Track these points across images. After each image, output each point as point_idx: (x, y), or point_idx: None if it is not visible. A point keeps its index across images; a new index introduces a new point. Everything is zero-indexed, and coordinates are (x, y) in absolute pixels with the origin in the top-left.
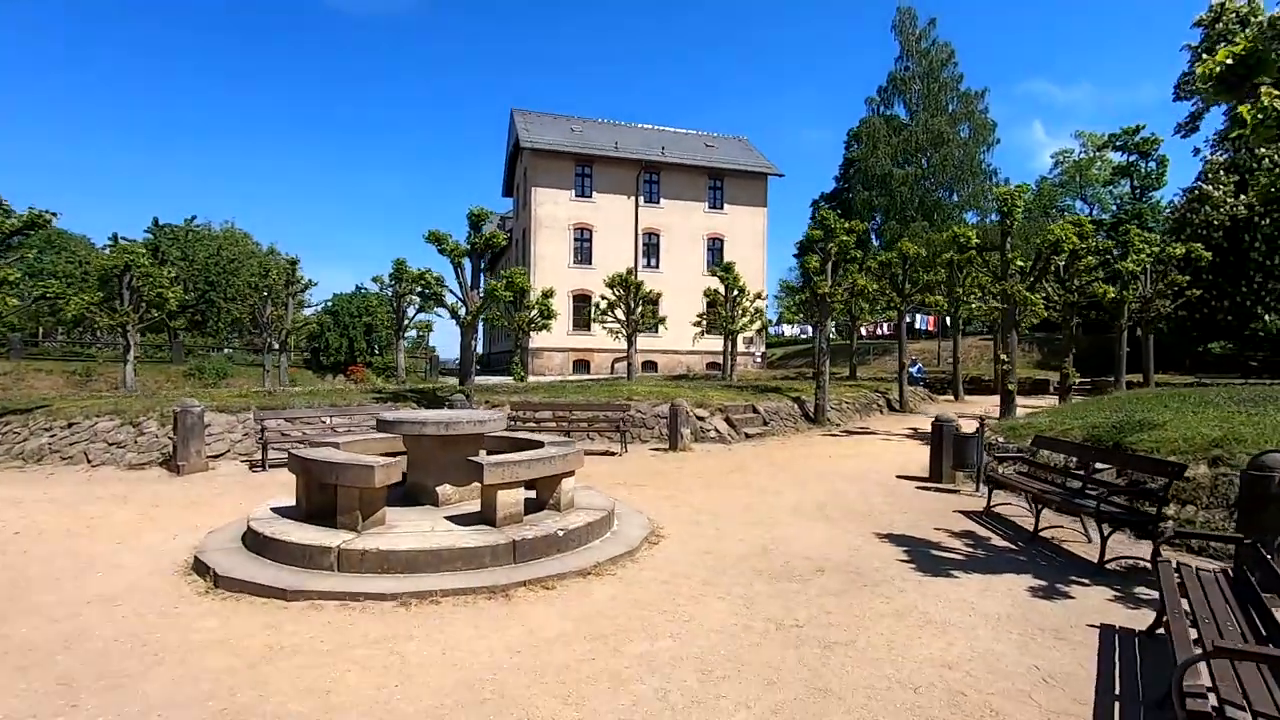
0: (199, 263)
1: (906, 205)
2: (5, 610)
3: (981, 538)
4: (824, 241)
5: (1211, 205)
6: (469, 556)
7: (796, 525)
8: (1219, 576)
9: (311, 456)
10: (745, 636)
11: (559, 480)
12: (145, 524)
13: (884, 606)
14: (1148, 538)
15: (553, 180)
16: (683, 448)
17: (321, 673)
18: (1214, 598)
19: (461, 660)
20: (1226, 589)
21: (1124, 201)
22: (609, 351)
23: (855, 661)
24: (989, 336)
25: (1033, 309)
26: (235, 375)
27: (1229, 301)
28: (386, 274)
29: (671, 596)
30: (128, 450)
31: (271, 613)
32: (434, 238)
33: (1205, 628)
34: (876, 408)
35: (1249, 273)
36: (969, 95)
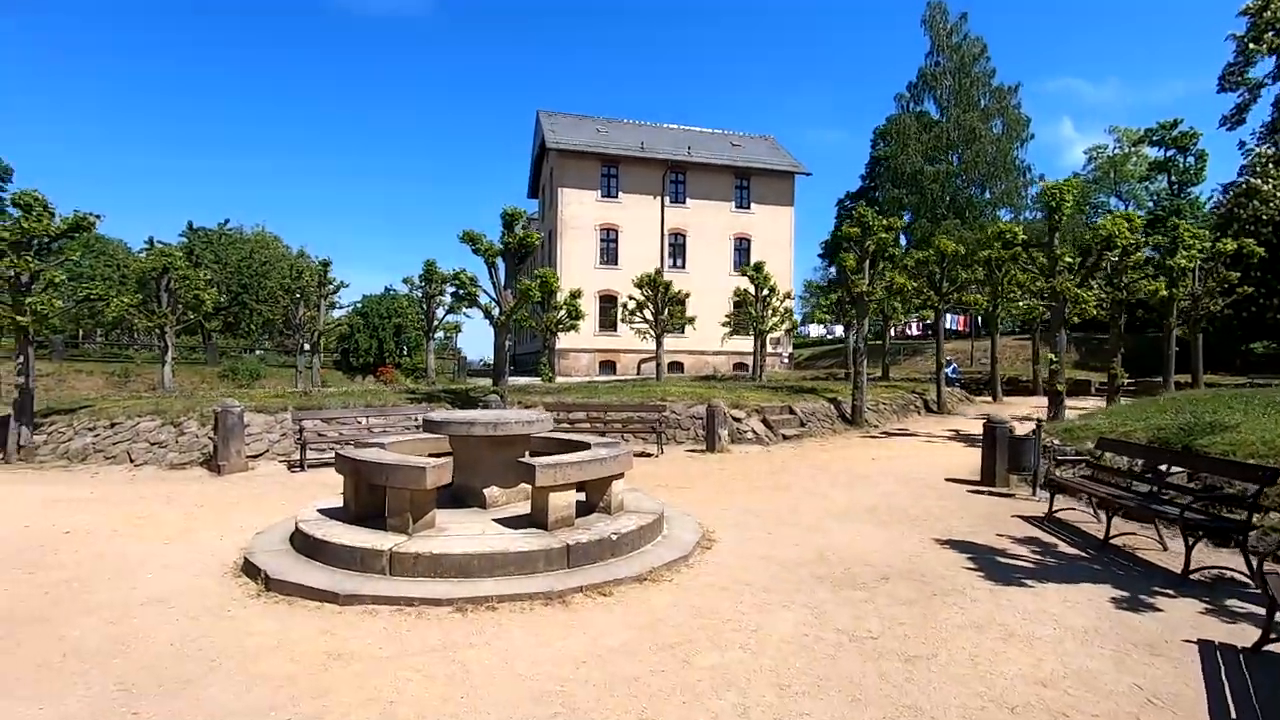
0: (232, 265)
1: (937, 203)
2: (61, 612)
3: (1048, 544)
4: (861, 239)
5: (1261, 200)
6: (522, 561)
7: (850, 530)
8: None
9: (361, 457)
10: (818, 648)
11: (609, 482)
12: (191, 524)
13: (960, 617)
14: (1230, 546)
15: (579, 181)
16: (720, 449)
17: (383, 681)
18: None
19: (525, 671)
20: None
21: (1161, 197)
22: (635, 352)
23: (941, 678)
24: (1023, 336)
25: (1084, 307)
26: (267, 376)
27: (1279, 299)
28: (417, 275)
29: (734, 604)
30: (169, 450)
31: (326, 617)
32: (468, 238)
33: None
34: (914, 409)
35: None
36: (1002, 90)
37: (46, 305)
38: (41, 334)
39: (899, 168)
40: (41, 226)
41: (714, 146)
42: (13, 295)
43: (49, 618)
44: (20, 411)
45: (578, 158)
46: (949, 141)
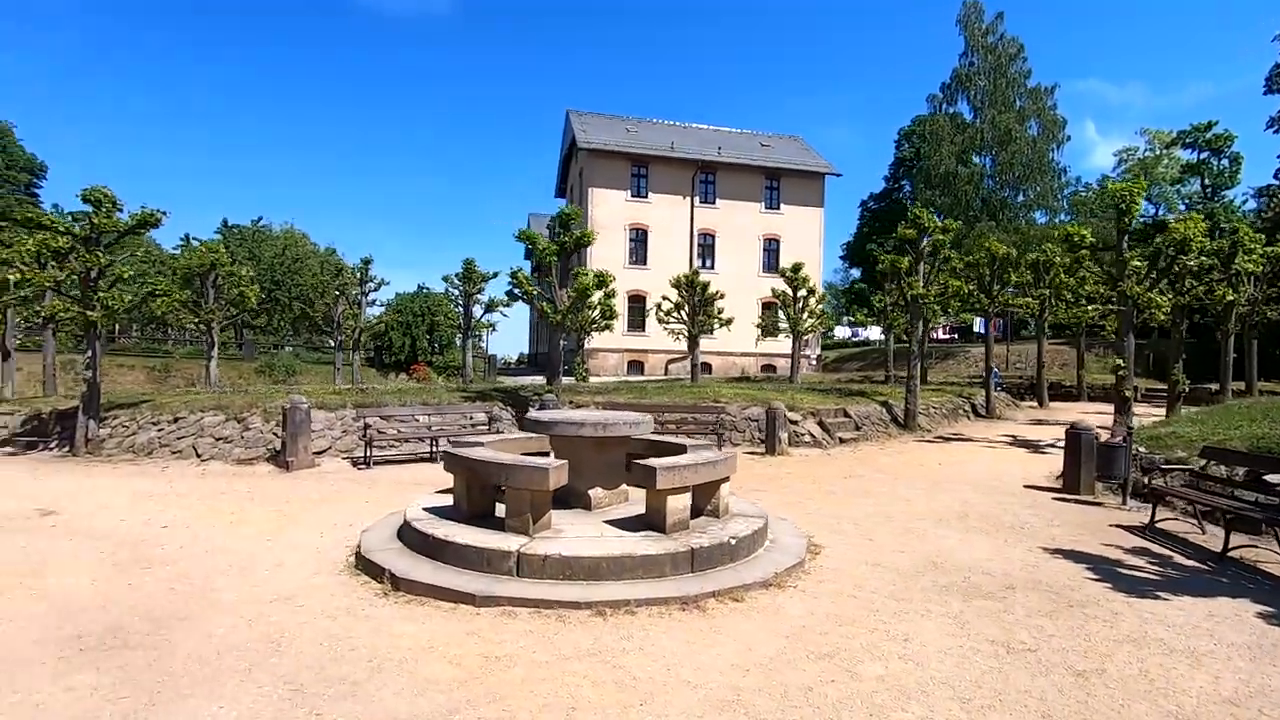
0: (265, 262)
1: (970, 205)
2: (197, 609)
3: (1162, 556)
4: (917, 240)
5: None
6: (649, 565)
7: (950, 536)
8: None
9: (477, 457)
10: (979, 660)
11: (718, 486)
12: (284, 522)
13: (1109, 631)
14: None
15: (609, 181)
16: (780, 452)
17: (552, 687)
18: None
19: (692, 678)
20: None
21: (1193, 200)
22: (663, 352)
23: (1122, 694)
24: (1061, 341)
25: (1154, 312)
26: (302, 372)
27: None
28: (455, 273)
29: (870, 613)
30: (234, 445)
31: (465, 619)
32: (526, 237)
33: None
34: (963, 413)
35: None
36: (1038, 91)
37: (116, 300)
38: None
39: (931, 169)
40: (110, 222)
41: (743, 146)
42: (82, 290)
43: (189, 615)
44: (88, 405)
45: (608, 157)
46: (983, 143)
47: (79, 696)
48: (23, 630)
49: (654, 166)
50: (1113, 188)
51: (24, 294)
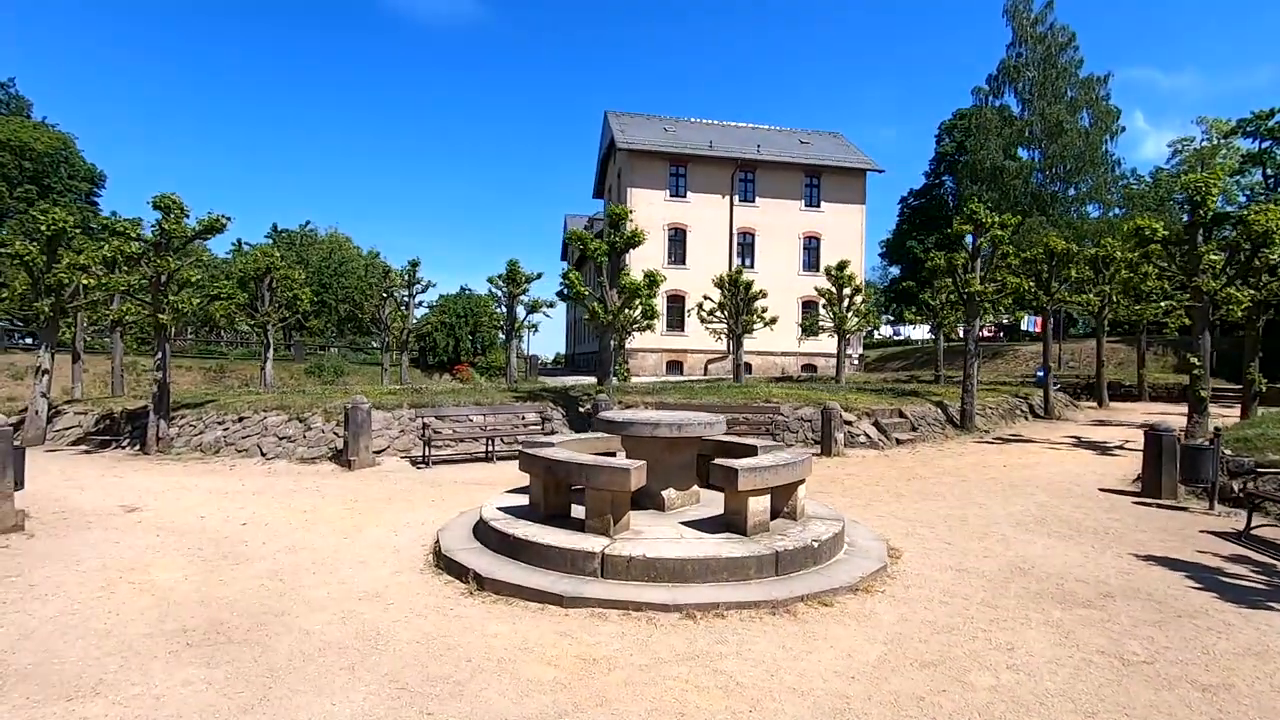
0: (313, 265)
1: (1019, 199)
2: (289, 605)
3: (1264, 564)
4: (974, 236)
5: None
6: (734, 567)
7: (1033, 541)
8: None
9: (555, 457)
10: (1094, 672)
11: (795, 488)
12: (358, 519)
13: (1226, 643)
14: None
15: (647, 181)
16: (836, 453)
17: (657, 691)
18: None
19: (798, 685)
20: None
21: (1255, 192)
22: (702, 352)
23: (1259, 710)
24: (1116, 339)
25: (1232, 308)
26: (350, 373)
27: None
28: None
29: (966, 620)
30: (298, 444)
31: (555, 620)
32: (577, 238)
33: None
34: (1020, 414)
35: None
36: (1090, 81)
37: (186, 303)
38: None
39: (978, 163)
40: (179, 228)
41: (782, 144)
42: (153, 294)
43: (284, 611)
44: (158, 405)
45: (646, 157)
46: (1032, 135)
47: (195, 690)
48: (132, 624)
49: (693, 166)
50: (1185, 179)
51: (95, 298)
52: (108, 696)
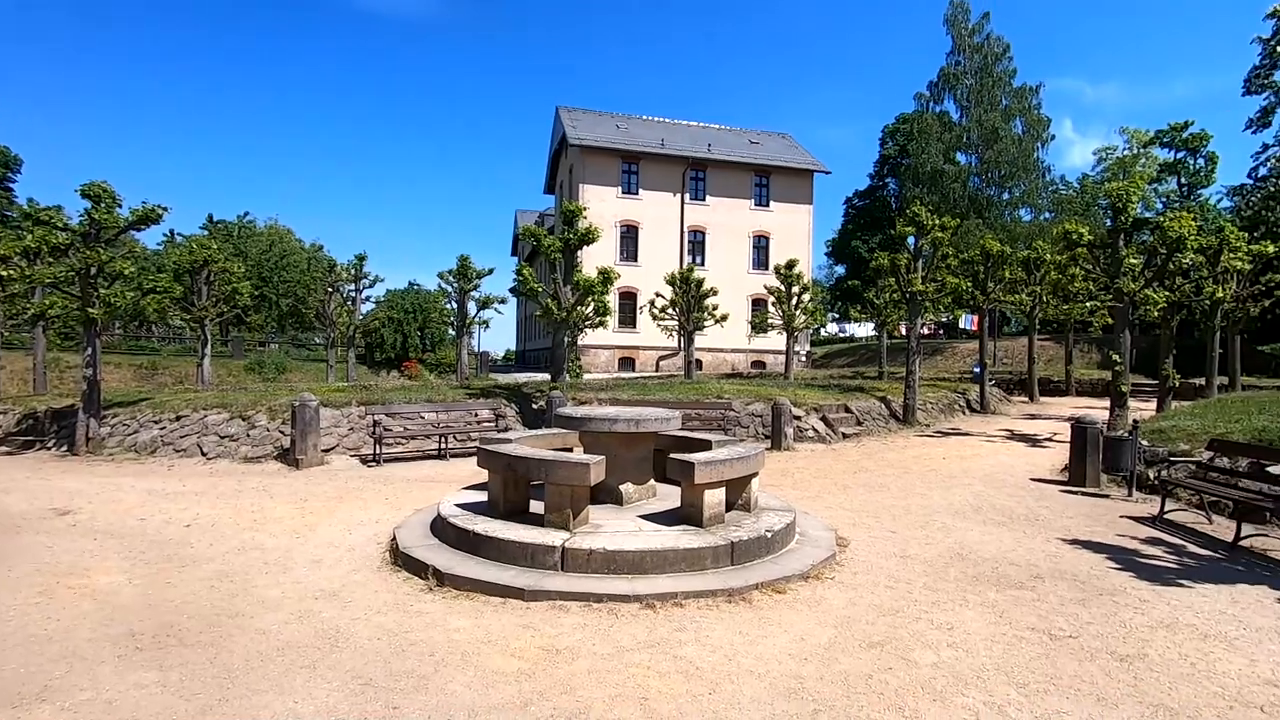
0: (252, 258)
1: (958, 202)
2: (242, 606)
3: (1175, 545)
4: (916, 238)
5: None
6: (691, 558)
7: (971, 529)
8: None
9: (515, 453)
10: (1025, 647)
11: (748, 480)
12: (309, 518)
13: (1141, 618)
14: None
15: (599, 177)
16: (786, 447)
17: (619, 677)
18: None
19: (754, 667)
20: None
21: (1171, 199)
22: (654, 349)
23: (1168, 677)
24: (1046, 337)
25: (1149, 309)
26: (292, 370)
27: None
28: (449, 270)
29: (910, 603)
30: (241, 443)
31: (517, 613)
32: (529, 233)
33: None
34: (959, 408)
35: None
36: (1023, 90)
37: (118, 297)
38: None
39: (919, 167)
40: (111, 218)
41: (733, 144)
42: (82, 287)
43: (239, 612)
44: (88, 403)
45: (598, 154)
46: (969, 141)
47: (150, 693)
48: (75, 629)
49: (644, 163)
50: (1109, 187)
51: (14, 290)
52: (55, 702)
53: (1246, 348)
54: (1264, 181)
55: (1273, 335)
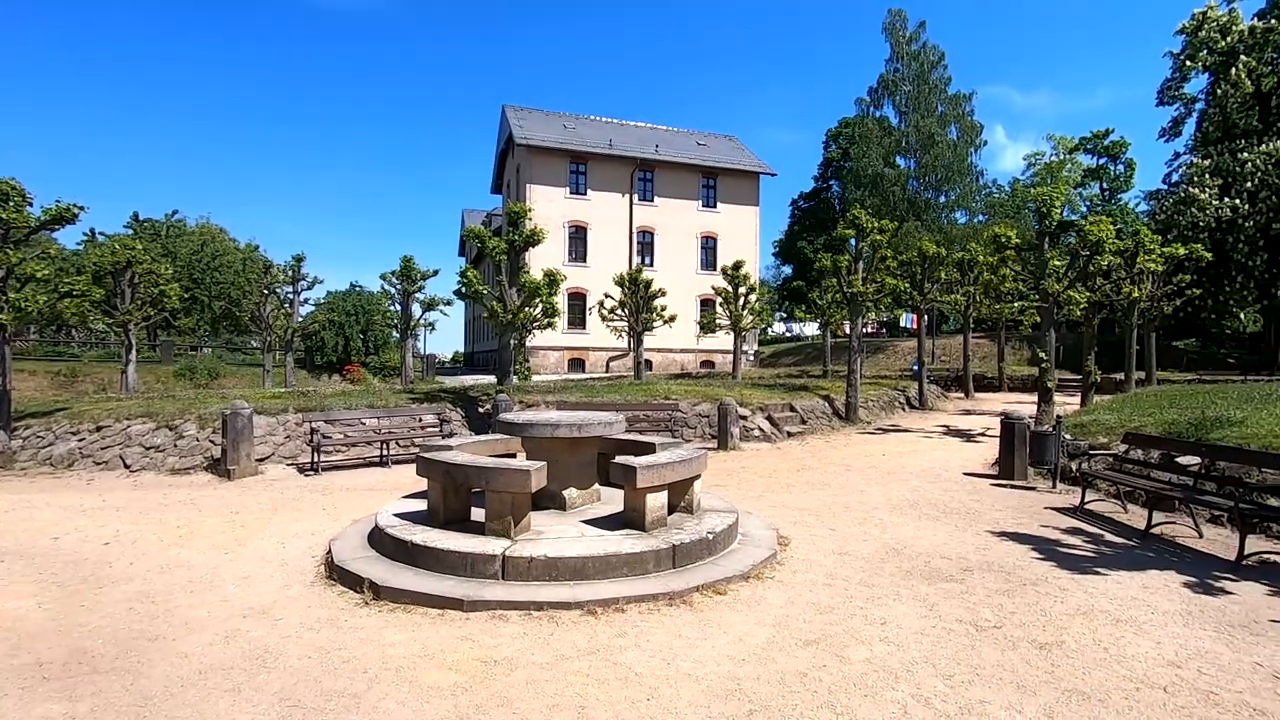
0: (182, 258)
1: (897, 205)
2: (165, 628)
3: (1094, 535)
4: (856, 240)
5: (1198, 208)
6: (634, 562)
7: (907, 524)
8: None
9: (454, 461)
10: (952, 639)
11: (691, 483)
12: (240, 532)
13: (1061, 606)
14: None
15: (547, 177)
16: (732, 447)
17: (558, 687)
18: None
19: (693, 670)
20: None
21: (1094, 203)
22: (604, 350)
23: (1082, 662)
24: (981, 335)
25: (1072, 308)
26: (227, 375)
27: (1211, 300)
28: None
29: (846, 600)
30: (168, 454)
31: (455, 624)
32: (474, 235)
33: None
34: (899, 405)
35: (1232, 273)
36: (958, 98)
37: (30, 301)
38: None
39: (860, 170)
40: (20, 218)
41: (680, 145)
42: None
43: (159, 635)
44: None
45: (546, 154)
46: (908, 145)
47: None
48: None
49: (593, 164)
50: (1035, 193)
51: None
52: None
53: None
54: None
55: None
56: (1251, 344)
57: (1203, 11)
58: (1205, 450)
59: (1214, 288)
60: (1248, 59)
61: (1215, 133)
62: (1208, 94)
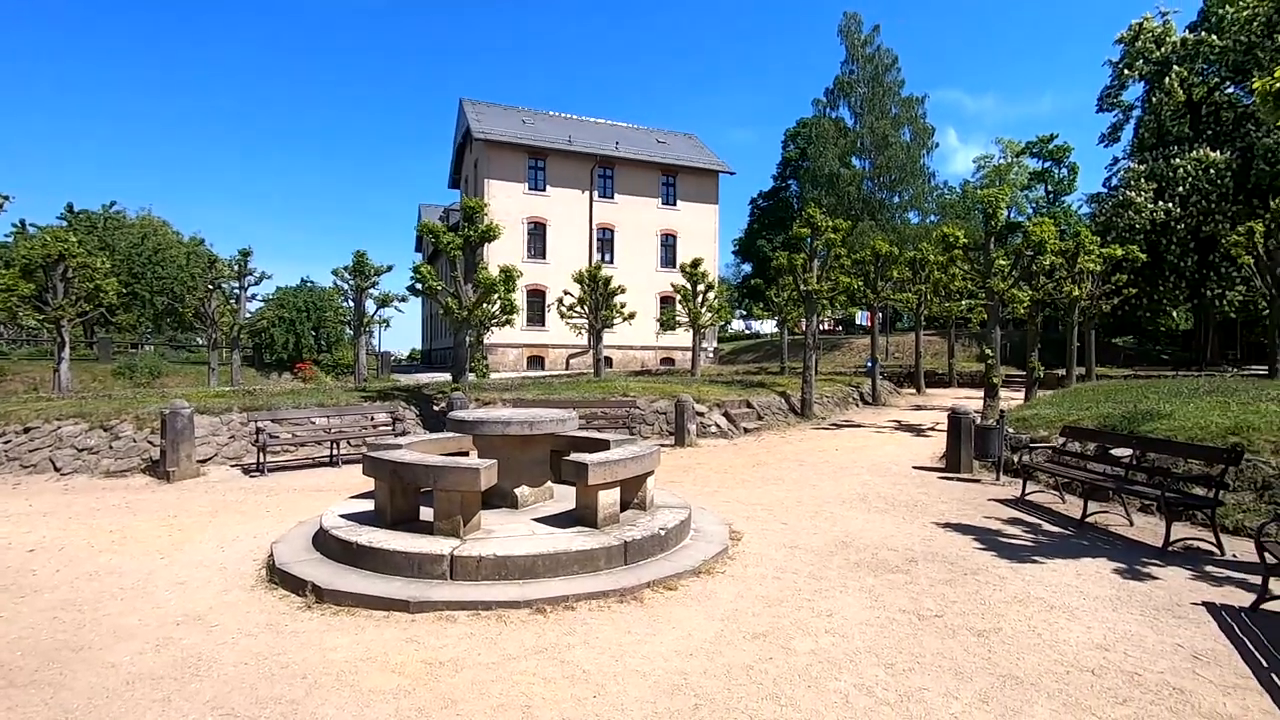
0: (121, 252)
1: (853, 204)
2: (91, 638)
3: (1033, 525)
4: (811, 239)
5: (1135, 210)
6: (585, 560)
7: (856, 517)
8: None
9: (402, 459)
10: (896, 629)
11: (644, 480)
12: (177, 536)
13: (999, 594)
14: (1182, 519)
15: (506, 172)
16: (689, 443)
17: (504, 687)
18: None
19: (640, 666)
20: None
21: (1039, 205)
22: (563, 347)
23: (1017, 648)
24: (932, 332)
25: (1016, 306)
26: (169, 374)
27: (1147, 299)
28: (344, 266)
29: (795, 592)
30: (102, 456)
31: (401, 626)
32: (428, 230)
33: None
34: (853, 401)
35: (1165, 273)
36: (910, 100)
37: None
38: None
39: (817, 170)
40: None
41: (640, 142)
42: None
43: (84, 645)
44: None
45: (505, 149)
46: (863, 146)
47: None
48: None
49: (552, 159)
50: (981, 194)
51: None
52: None
53: (1101, 341)
54: (1115, 191)
55: (1123, 330)
56: (1184, 341)
57: (1139, 22)
58: (1136, 442)
59: (1149, 287)
60: (1180, 69)
61: (1151, 139)
62: (1144, 102)
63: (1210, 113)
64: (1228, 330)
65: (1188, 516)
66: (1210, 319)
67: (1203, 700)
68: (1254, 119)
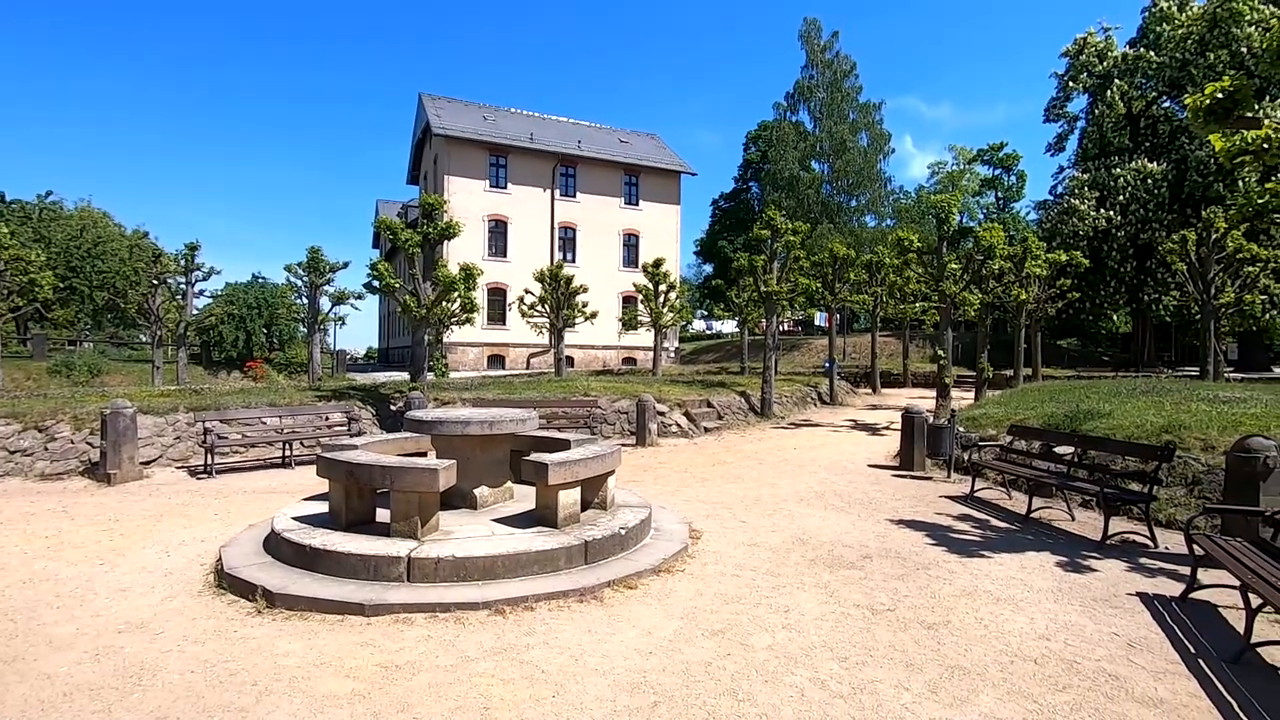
0: (58, 244)
1: (812, 207)
2: (25, 647)
3: (981, 520)
4: (771, 241)
5: (1079, 218)
6: (545, 560)
7: (813, 515)
8: (1245, 545)
9: (357, 460)
10: (850, 623)
11: (605, 479)
12: (119, 541)
13: (949, 588)
14: (1119, 514)
15: (466, 169)
16: (650, 443)
17: (463, 689)
18: (1254, 562)
19: (600, 665)
20: (1261, 554)
21: (990, 211)
22: (524, 346)
23: (965, 640)
24: (888, 333)
25: (966, 309)
26: (110, 373)
27: (1089, 303)
28: (298, 262)
29: (753, 589)
30: (36, 458)
31: (356, 630)
32: (386, 226)
33: (1262, 587)
34: (810, 401)
35: (1106, 278)
36: (868, 106)
37: None
38: None
39: (777, 173)
40: None
41: (603, 142)
42: None
43: (17, 656)
44: None
45: (465, 145)
46: (822, 150)
47: None
48: None
49: (513, 157)
50: (934, 200)
51: None
52: None
53: (1047, 343)
54: (1060, 198)
55: (1068, 332)
56: (1124, 343)
57: (1084, 37)
58: (1078, 441)
59: (1092, 292)
60: (1121, 83)
61: (1094, 149)
62: (1088, 113)
63: (1148, 125)
64: (1163, 333)
65: (1125, 511)
66: (1148, 323)
67: (1136, 685)
68: (1188, 132)
